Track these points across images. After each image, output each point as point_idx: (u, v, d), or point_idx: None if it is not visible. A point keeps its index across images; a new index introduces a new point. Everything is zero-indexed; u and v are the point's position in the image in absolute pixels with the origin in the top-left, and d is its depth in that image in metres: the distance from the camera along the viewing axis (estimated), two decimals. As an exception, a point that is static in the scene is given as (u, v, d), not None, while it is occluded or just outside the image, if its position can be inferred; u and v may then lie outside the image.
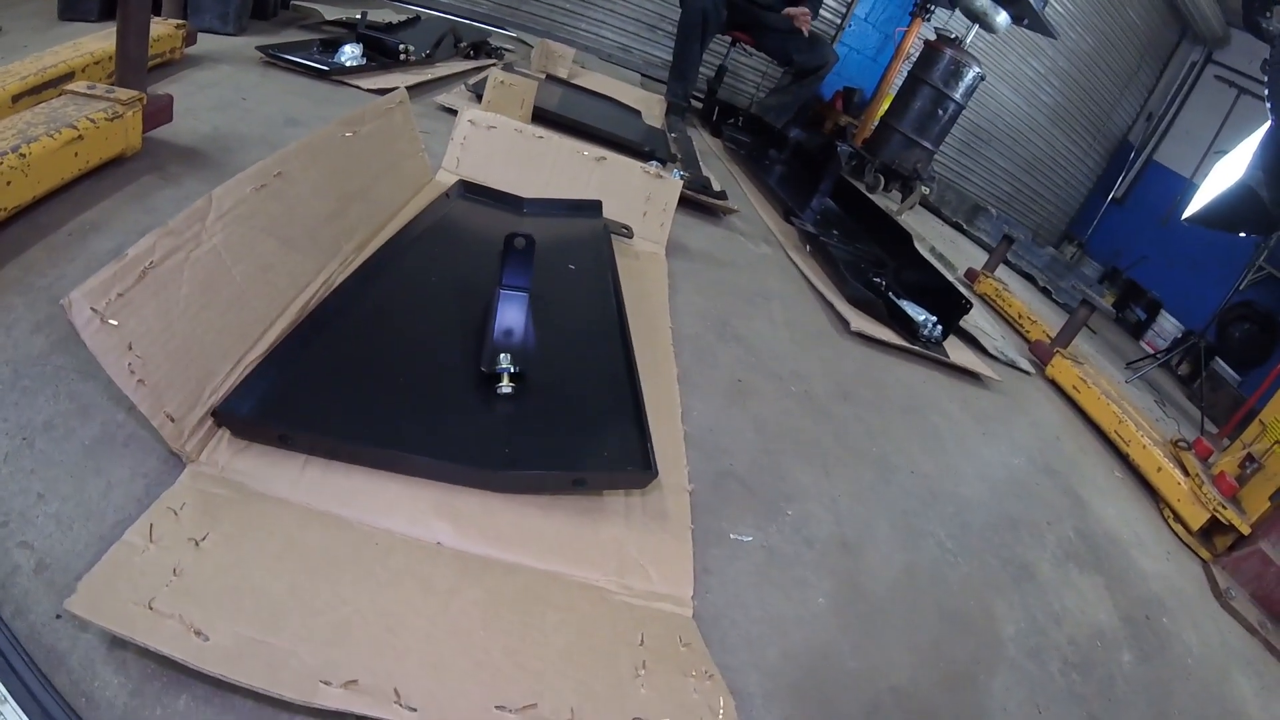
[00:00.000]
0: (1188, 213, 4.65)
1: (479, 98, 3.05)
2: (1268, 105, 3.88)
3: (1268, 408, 2.59)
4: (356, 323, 1.32)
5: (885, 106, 5.51)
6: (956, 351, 2.62)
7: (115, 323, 0.89)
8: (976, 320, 3.03)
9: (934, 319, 2.58)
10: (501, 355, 1.28)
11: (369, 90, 2.82)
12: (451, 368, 1.32)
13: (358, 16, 3.45)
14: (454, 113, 2.81)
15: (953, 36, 5.04)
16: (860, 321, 2.39)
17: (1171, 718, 1.51)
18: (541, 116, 2.98)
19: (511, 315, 1.38)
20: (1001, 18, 4.93)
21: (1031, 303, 4.11)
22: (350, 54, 3.00)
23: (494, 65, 4.09)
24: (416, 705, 0.76)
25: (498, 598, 0.92)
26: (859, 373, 2.19)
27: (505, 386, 1.26)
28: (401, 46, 3.24)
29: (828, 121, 6.02)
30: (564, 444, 1.23)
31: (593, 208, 2.18)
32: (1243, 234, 4.74)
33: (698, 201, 2.92)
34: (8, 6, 2.58)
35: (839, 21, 6.30)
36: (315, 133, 1.59)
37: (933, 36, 5.13)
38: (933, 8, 5.25)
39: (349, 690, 0.75)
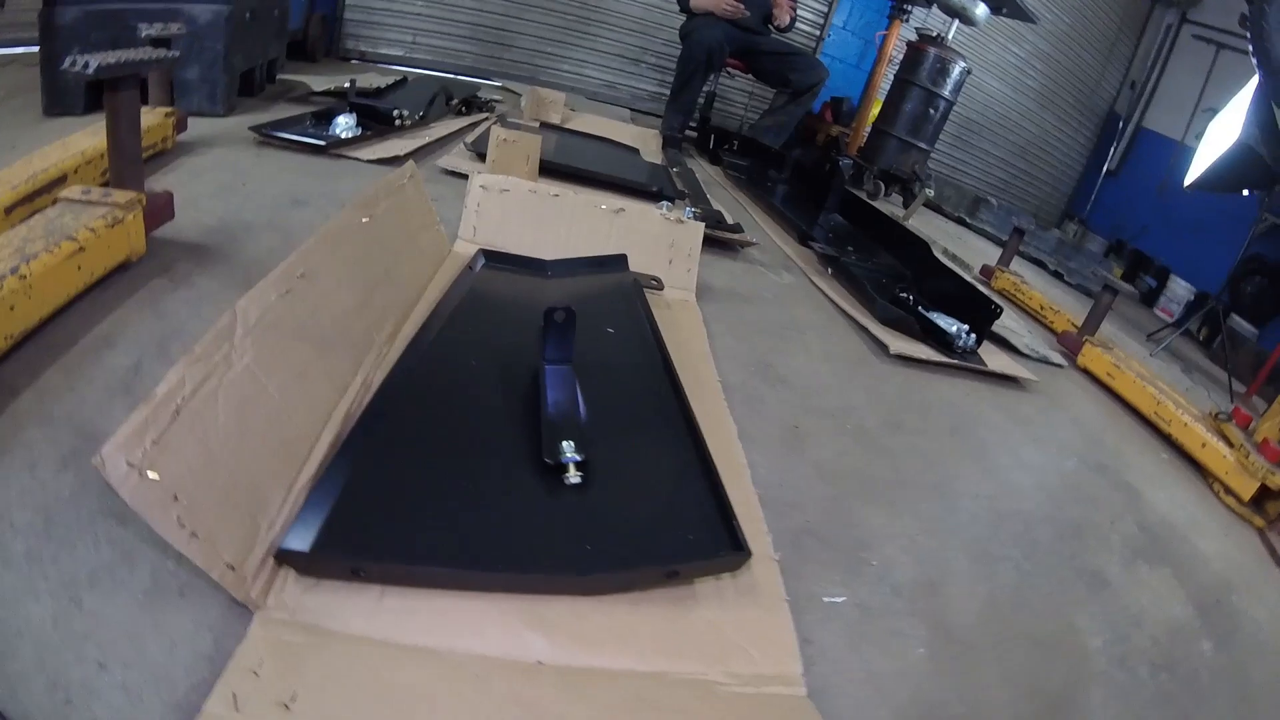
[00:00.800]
0: (1189, 179, 4.61)
1: (480, 156, 3.02)
2: (1254, 60, 3.84)
3: (1300, 368, 2.53)
4: (404, 427, 1.25)
5: (875, 112, 5.50)
6: (991, 357, 2.56)
7: (155, 475, 0.83)
8: (1003, 319, 2.97)
9: (965, 328, 2.53)
10: (564, 444, 1.21)
11: (369, 161, 2.78)
12: (513, 463, 1.24)
13: (346, 85, 3.42)
14: (458, 176, 2.79)
15: (934, 34, 5.02)
16: (898, 343, 2.33)
17: (1254, 699, 1.49)
18: (543, 168, 2.95)
19: (565, 397, 1.32)
20: (980, 9, 4.92)
21: (1049, 292, 4.06)
22: (344, 125, 2.96)
23: (487, 119, 4.07)
24: None
25: (609, 713, 0.86)
26: (903, 397, 2.13)
27: (573, 476, 1.18)
28: (396, 112, 3.19)
29: (820, 134, 6.00)
30: (648, 534, 1.15)
31: (618, 262, 2.12)
32: (1246, 192, 4.70)
33: (714, 238, 2.86)
34: (-8, 103, 2.58)
35: (818, 33, 6.31)
36: (332, 222, 1.54)
37: (914, 37, 5.12)
38: (909, 8, 5.24)
39: None
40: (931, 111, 5.10)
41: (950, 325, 2.51)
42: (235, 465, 0.96)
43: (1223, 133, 4.43)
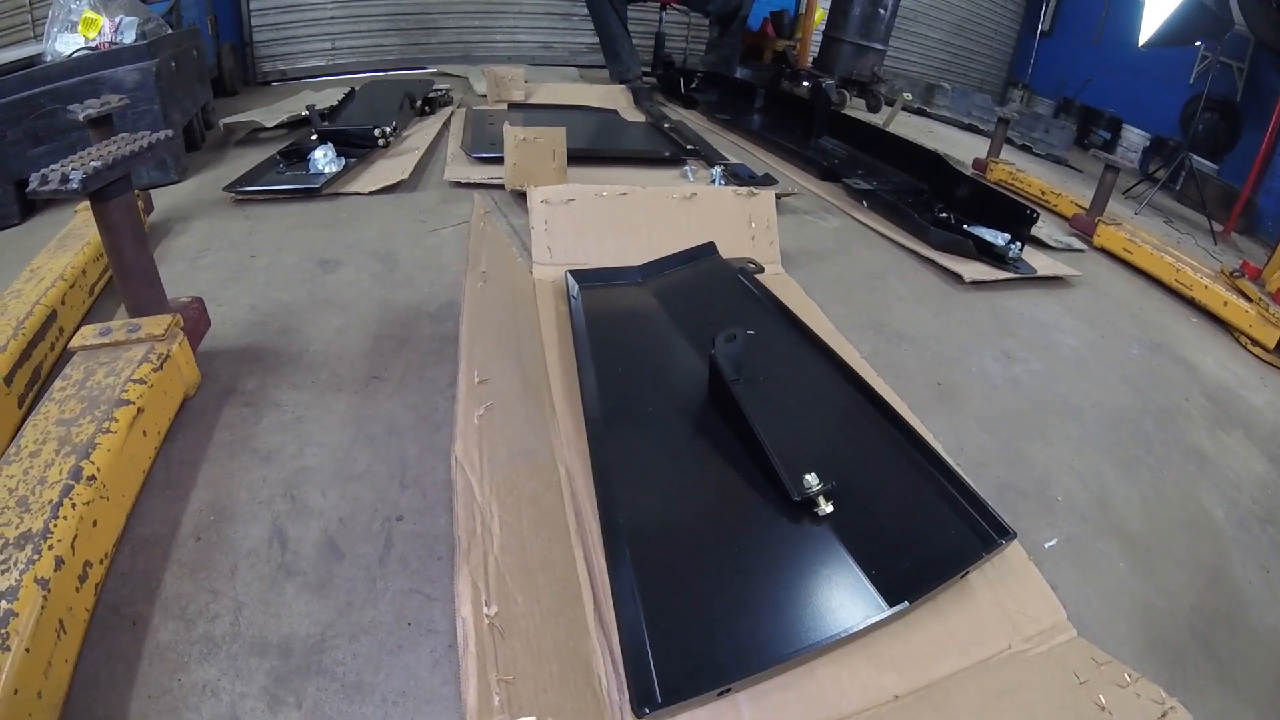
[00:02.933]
0: (1143, 39, 4.77)
1: (481, 160, 2.91)
2: None
3: (1296, 220, 2.76)
4: (644, 519, 1.19)
5: (818, 18, 5.50)
6: (1033, 258, 2.71)
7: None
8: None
9: (1008, 237, 2.66)
10: (807, 477, 1.20)
11: (371, 193, 2.57)
12: (761, 512, 1.22)
13: (304, 112, 3.08)
14: (470, 187, 2.67)
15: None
16: (971, 271, 2.47)
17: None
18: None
19: (776, 425, 1.30)
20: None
21: (1037, 172, 4.18)
22: (324, 159, 2.72)
23: (453, 111, 3.91)
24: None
25: (976, 708, 0.99)
26: (993, 325, 2.26)
27: (825, 507, 1.19)
28: (377, 129, 2.97)
29: (765, 51, 5.96)
30: (923, 547, 1.18)
31: (708, 252, 2.09)
32: (1198, 44, 4.91)
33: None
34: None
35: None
36: (466, 298, 1.44)
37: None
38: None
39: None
40: (881, 10, 5.13)
41: (997, 238, 2.65)
42: (554, 640, 0.91)
43: (1167, -9, 4.61)
